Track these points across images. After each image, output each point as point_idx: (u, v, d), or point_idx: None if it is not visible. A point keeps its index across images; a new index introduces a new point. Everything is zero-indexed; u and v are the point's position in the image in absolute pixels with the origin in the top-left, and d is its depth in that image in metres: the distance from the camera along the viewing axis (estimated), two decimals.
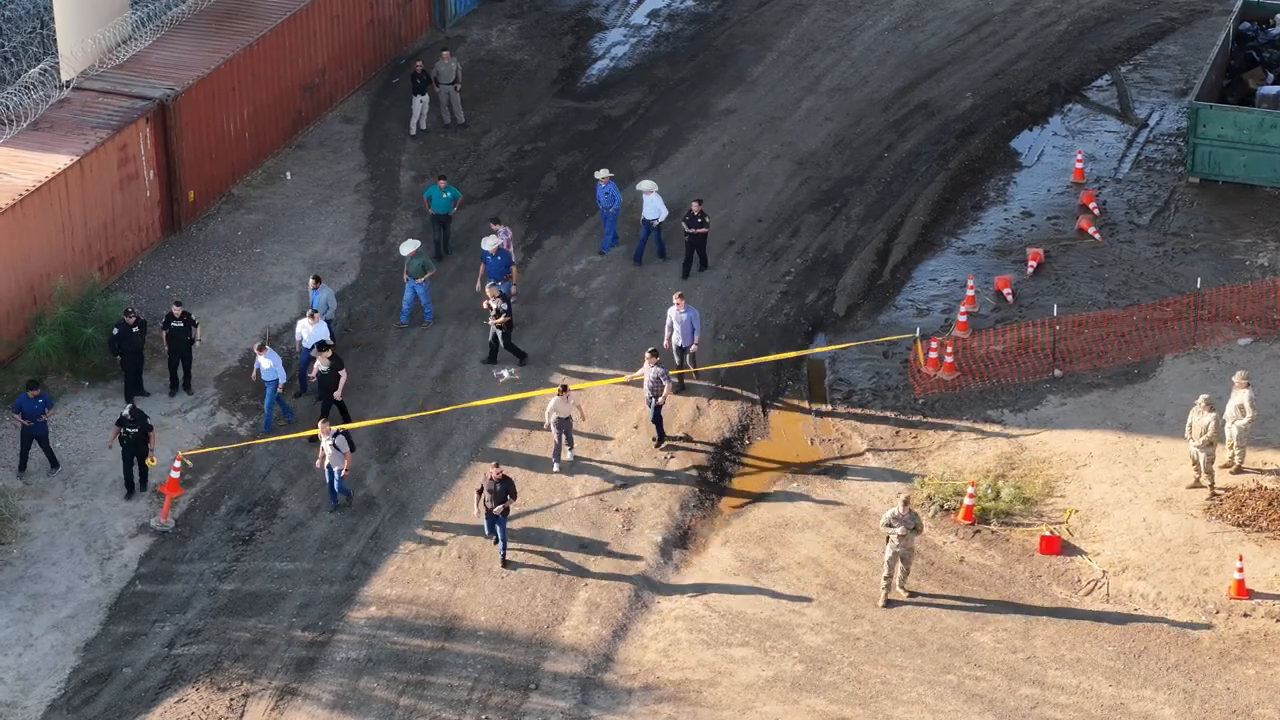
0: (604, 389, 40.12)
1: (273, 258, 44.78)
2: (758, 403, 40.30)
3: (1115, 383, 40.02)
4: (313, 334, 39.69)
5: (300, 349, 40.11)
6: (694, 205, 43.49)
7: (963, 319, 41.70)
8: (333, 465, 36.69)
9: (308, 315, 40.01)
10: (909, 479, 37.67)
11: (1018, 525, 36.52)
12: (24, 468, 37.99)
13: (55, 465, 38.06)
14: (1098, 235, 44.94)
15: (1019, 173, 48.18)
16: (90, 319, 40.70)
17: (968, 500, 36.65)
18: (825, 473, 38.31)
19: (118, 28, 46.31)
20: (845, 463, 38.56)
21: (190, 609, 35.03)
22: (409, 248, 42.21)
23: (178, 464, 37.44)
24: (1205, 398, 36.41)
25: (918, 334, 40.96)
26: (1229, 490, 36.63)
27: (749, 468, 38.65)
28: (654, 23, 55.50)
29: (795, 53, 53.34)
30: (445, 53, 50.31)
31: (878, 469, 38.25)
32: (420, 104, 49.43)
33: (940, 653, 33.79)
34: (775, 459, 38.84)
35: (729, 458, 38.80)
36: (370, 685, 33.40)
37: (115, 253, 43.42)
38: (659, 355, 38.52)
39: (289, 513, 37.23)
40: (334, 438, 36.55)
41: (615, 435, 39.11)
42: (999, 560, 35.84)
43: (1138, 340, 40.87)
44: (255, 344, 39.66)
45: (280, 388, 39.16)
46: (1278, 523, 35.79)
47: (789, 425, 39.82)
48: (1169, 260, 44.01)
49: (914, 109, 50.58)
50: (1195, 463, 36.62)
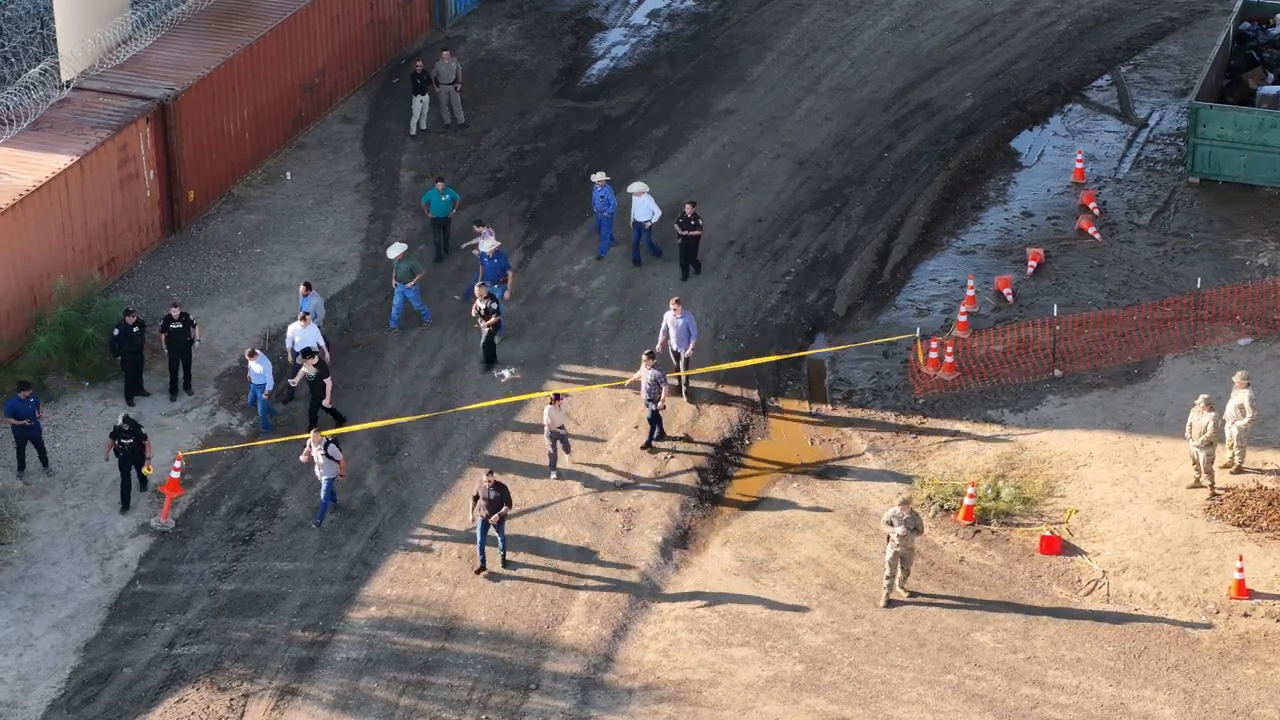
0: (604, 389, 40.12)
1: (273, 258, 44.77)
2: (758, 403, 40.29)
3: (1115, 383, 40.01)
4: (303, 337, 39.58)
5: (291, 353, 39.90)
6: (687, 208, 43.27)
7: (963, 319, 41.69)
8: (325, 476, 36.58)
9: (299, 318, 39.93)
10: (909, 479, 37.66)
11: (1018, 525, 36.51)
12: (23, 468, 37.98)
13: (45, 464, 37.99)
14: (1098, 235, 44.93)
15: (1019, 173, 48.17)
16: (90, 319, 40.69)
17: (968, 500, 36.64)
18: (825, 473, 38.30)
19: (118, 28, 46.29)
20: (845, 463, 38.55)
21: (190, 609, 35.02)
22: (396, 250, 42.01)
23: (178, 464, 37.45)
24: (1205, 398, 36.39)
25: (918, 334, 40.95)
26: (1229, 490, 36.62)
27: (749, 468, 38.64)
28: (654, 23, 55.48)
29: (795, 53, 53.33)
30: (445, 53, 50.29)
31: (878, 469, 38.24)
32: (420, 104, 49.41)
33: (940, 653, 33.78)
34: (775, 459, 38.83)
35: (729, 458, 38.79)
36: (370, 685, 33.40)
37: (115, 253, 43.41)
38: (655, 358, 38.49)
39: (289, 513, 37.22)
40: (325, 447, 36.41)
41: (615, 435, 39.11)
42: (999, 560, 35.84)
43: (1138, 340, 40.85)
44: (247, 350, 39.47)
45: (266, 394, 39.02)
46: (1278, 523, 35.78)
47: (789, 425, 39.81)
48: (1169, 260, 44.00)
49: (914, 109, 50.57)
50: (1195, 463, 36.61)
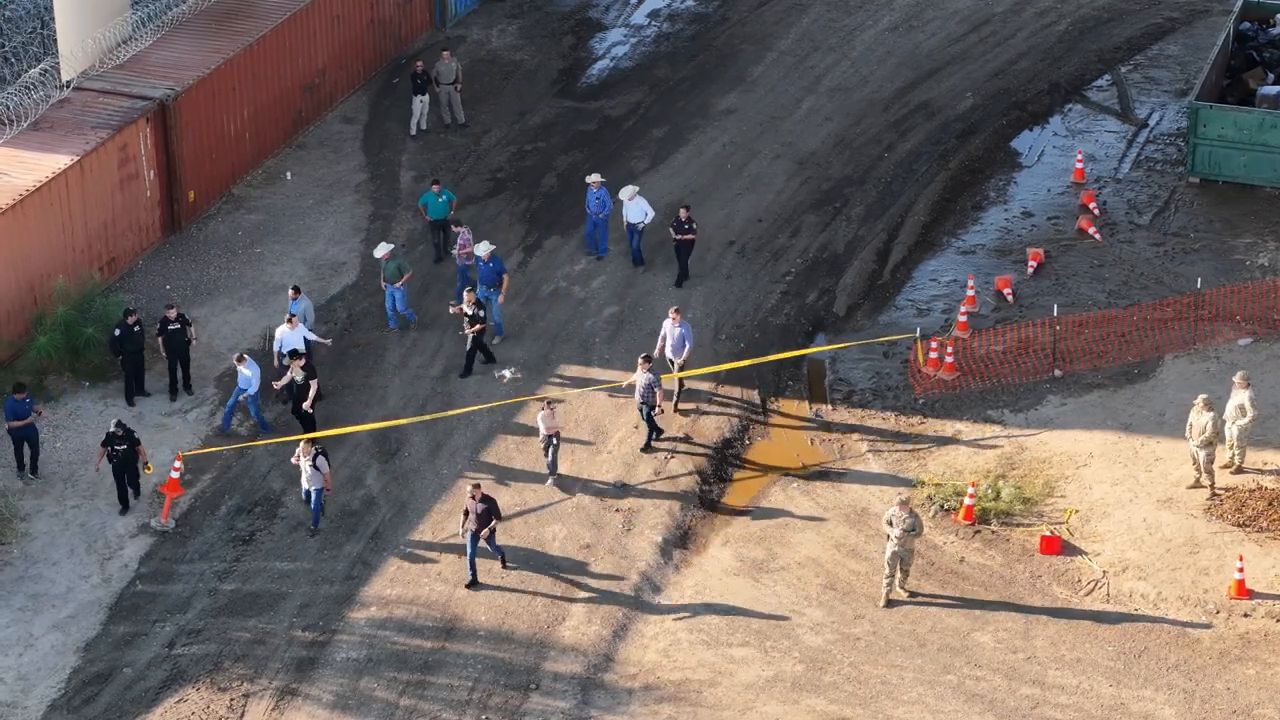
0: (604, 389, 40.12)
1: (273, 258, 44.77)
2: (758, 403, 40.30)
3: (1115, 383, 40.01)
4: (290, 340, 39.51)
5: (278, 356, 39.80)
6: (682, 212, 43.10)
7: (963, 319, 41.69)
8: (312, 486, 36.49)
9: (286, 320, 39.87)
10: (909, 479, 37.67)
11: (1018, 525, 36.51)
12: (22, 468, 37.97)
13: (34, 470, 37.77)
14: (1098, 235, 44.93)
15: (1019, 173, 48.17)
16: (90, 319, 40.69)
17: (968, 500, 36.64)
18: (825, 473, 38.29)
19: (118, 28, 46.30)
20: (845, 463, 38.55)
21: (190, 609, 35.03)
22: (382, 250, 41.83)
23: (178, 464, 37.44)
24: (1204, 397, 36.39)
25: (918, 334, 40.95)
26: (1229, 490, 36.62)
27: (749, 468, 38.64)
28: (654, 23, 55.49)
29: (795, 53, 53.33)
30: (445, 53, 50.29)
31: (878, 469, 38.24)
32: (420, 104, 49.41)
33: (940, 653, 33.78)
34: (775, 459, 38.83)
35: (729, 458, 38.79)
36: (370, 685, 33.40)
37: (115, 253, 43.42)
38: (651, 361, 38.44)
39: (289, 513, 37.22)
40: (314, 459, 36.26)
41: (615, 436, 39.11)
42: (999, 560, 35.84)
43: (1138, 340, 40.85)
44: (235, 355, 39.33)
45: (243, 397, 38.88)
46: (1278, 523, 35.78)
47: (789, 425, 39.81)
48: (1169, 260, 44.00)
49: (914, 109, 50.57)
50: (1195, 463, 36.61)
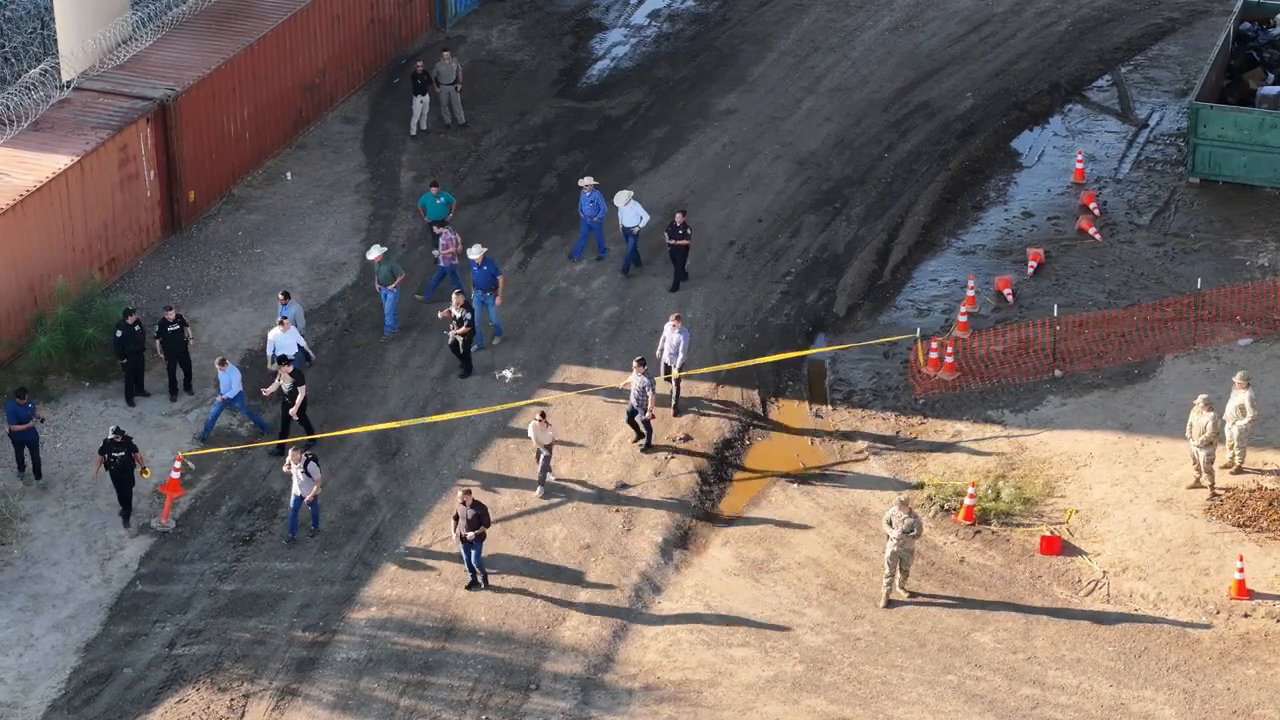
0: (604, 389, 40.12)
1: (273, 258, 44.77)
2: (758, 403, 40.29)
3: (1115, 383, 40.01)
4: (281, 343, 39.48)
5: (270, 359, 39.72)
6: (678, 216, 42.97)
7: (963, 319, 41.69)
8: (302, 493, 36.35)
9: (278, 323, 39.86)
10: (909, 480, 37.66)
11: (1018, 525, 36.51)
12: (22, 469, 37.97)
13: (38, 474, 37.79)
14: (1098, 235, 44.93)
15: (1019, 173, 48.16)
16: (91, 319, 40.69)
17: (968, 500, 36.64)
18: (825, 473, 38.30)
19: (118, 28, 46.29)
20: (845, 463, 38.55)
21: (191, 609, 35.03)
22: (374, 253, 41.71)
23: (178, 464, 37.44)
24: (1204, 398, 36.39)
25: (918, 334, 40.95)
26: (1229, 490, 36.62)
27: (749, 468, 38.64)
28: (654, 23, 55.48)
29: (796, 53, 53.33)
30: (445, 53, 50.28)
31: (878, 469, 38.23)
32: (420, 104, 49.41)
33: (941, 653, 33.78)
34: (775, 459, 38.82)
35: (729, 458, 38.79)
36: (371, 685, 33.40)
37: (116, 253, 43.41)
38: (646, 364, 38.38)
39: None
40: (305, 465, 36.14)
41: (615, 436, 39.11)
42: (999, 560, 35.84)
43: (1138, 340, 40.86)
44: (217, 359, 39.18)
45: (221, 397, 38.79)
46: (1278, 523, 35.79)
47: (789, 426, 39.81)
48: (1169, 260, 44.00)
49: (914, 109, 50.57)
50: (1195, 463, 36.62)
